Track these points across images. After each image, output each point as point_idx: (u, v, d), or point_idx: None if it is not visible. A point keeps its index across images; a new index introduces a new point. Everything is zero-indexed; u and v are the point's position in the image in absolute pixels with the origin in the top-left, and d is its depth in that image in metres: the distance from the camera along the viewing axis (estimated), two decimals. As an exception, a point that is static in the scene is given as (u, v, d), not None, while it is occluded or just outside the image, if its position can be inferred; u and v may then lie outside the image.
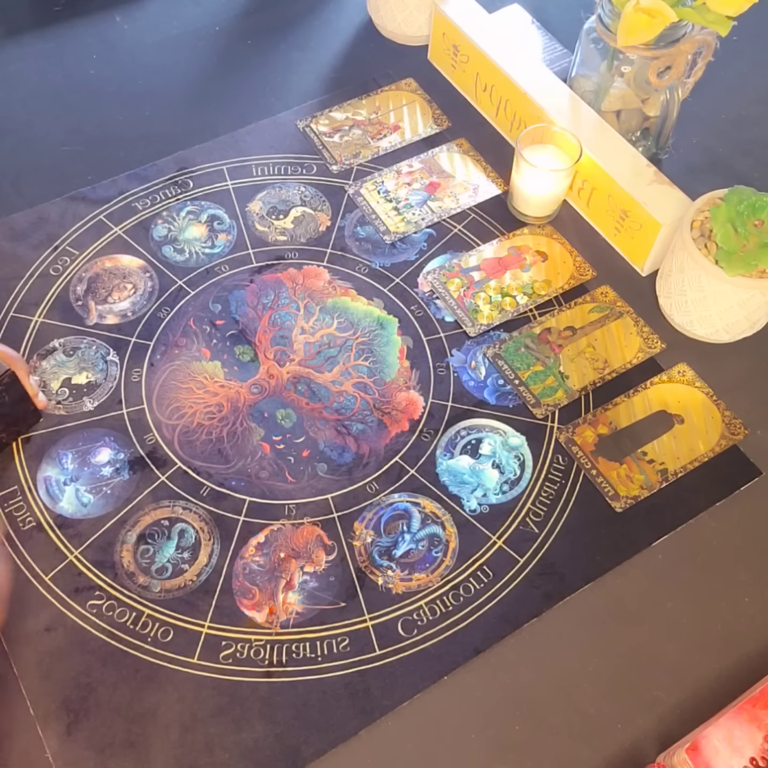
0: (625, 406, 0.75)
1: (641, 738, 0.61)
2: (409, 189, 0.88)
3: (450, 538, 0.69)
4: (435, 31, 0.97)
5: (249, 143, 0.92)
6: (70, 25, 1.02)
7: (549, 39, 1.01)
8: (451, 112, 0.95)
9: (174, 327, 0.79)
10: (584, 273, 0.83)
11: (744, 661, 0.64)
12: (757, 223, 0.71)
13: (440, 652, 0.64)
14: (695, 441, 0.73)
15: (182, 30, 1.03)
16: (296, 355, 0.78)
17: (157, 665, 0.63)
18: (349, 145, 0.92)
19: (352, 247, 0.85)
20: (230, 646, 0.64)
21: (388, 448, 0.73)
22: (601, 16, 0.80)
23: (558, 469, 0.72)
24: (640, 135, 0.90)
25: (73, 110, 0.95)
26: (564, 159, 0.84)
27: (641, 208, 0.80)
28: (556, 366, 0.77)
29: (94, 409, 0.74)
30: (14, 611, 0.65)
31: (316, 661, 0.63)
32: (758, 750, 0.56)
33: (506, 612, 0.65)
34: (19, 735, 0.60)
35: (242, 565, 0.67)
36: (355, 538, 0.69)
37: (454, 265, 0.83)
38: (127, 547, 0.68)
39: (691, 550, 0.69)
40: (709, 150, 0.93)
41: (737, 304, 0.74)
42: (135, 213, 0.86)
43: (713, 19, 0.74)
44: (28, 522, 0.69)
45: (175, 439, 0.73)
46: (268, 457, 0.72)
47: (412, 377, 0.77)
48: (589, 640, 0.65)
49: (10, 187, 0.88)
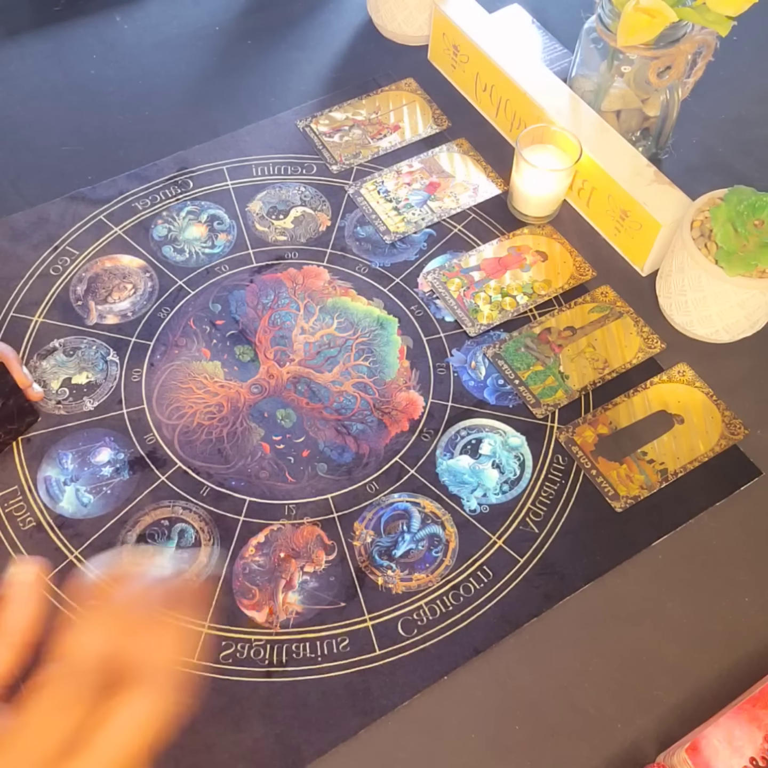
0: (625, 406, 0.75)
1: (641, 738, 0.61)
2: (409, 189, 0.88)
3: (450, 538, 0.69)
4: (435, 31, 0.96)
5: (249, 143, 0.92)
6: (70, 25, 1.02)
7: (549, 39, 1.01)
8: (451, 112, 0.95)
9: (174, 327, 0.79)
10: (584, 273, 0.83)
11: (744, 661, 0.64)
12: (757, 223, 0.71)
13: (440, 652, 0.64)
14: (695, 441, 0.73)
15: (182, 30, 1.03)
16: (296, 355, 0.78)
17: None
18: (349, 145, 0.92)
19: (352, 247, 0.85)
20: (230, 646, 0.64)
21: (388, 448, 0.73)
22: (601, 16, 0.80)
23: (558, 469, 0.72)
24: (640, 135, 0.90)
25: (73, 110, 0.95)
26: (564, 159, 0.84)
27: (641, 208, 0.80)
28: (556, 366, 0.77)
29: (94, 409, 0.74)
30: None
31: (316, 661, 0.63)
32: (758, 750, 0.56)
33: (506, 612, 0.65)
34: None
35: (242, 565, 0.67)
36: (355, 538, 0.69)
37: (454, 265, 0.83)
38: (127, 547, 0.68)
39: (691, 550, 0.69)
40: (709, 150, 0.93)
41: (737, 304, 0.74)
42: (135, 213, 0.86)
43: (713, 19, 0.74)
44: (28, 522, 0.69)
45: (175, 439, 0.73)
46: (268, 457, 0.72)
47: (412, 377, 0.77)
48: (589, 640, 0.65)
49: (10, 187, 0.88)
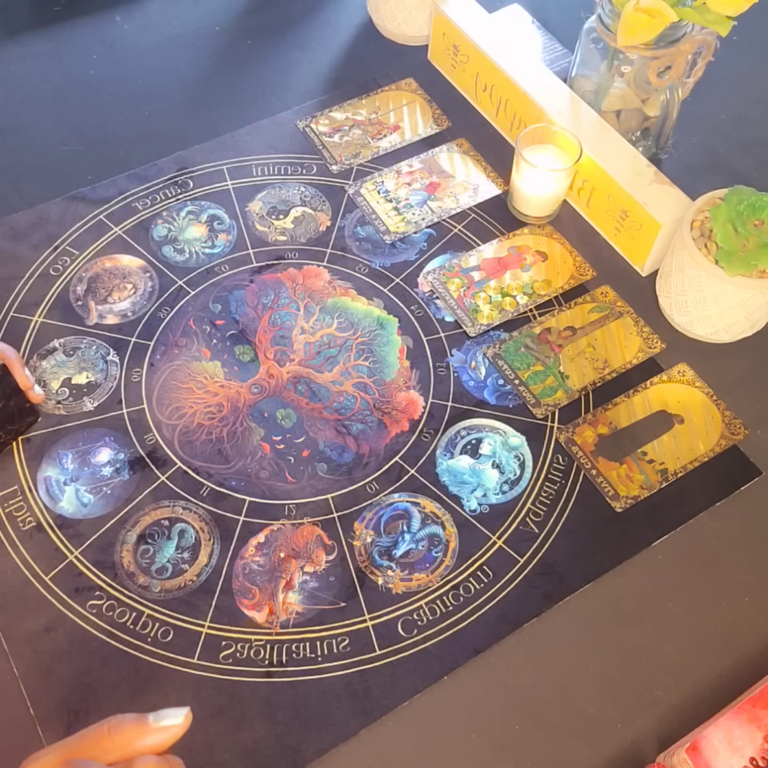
0: (625, 406, 0.75)
1: (641, 738, 0.61)
2: (409, 189, 0.88)
3: (450, 538, 0.69)
4: (435, 31, 0.97)
5: (249, 143, 0.92)
6: (70, 25, 1.02)
7: (549, 39, 1.01)
8: (451, 112, 0.95)
9: (174, 327, 0.79)
10: (584, 273, 0.83)
11: (744, 661, 0.64)
12: (757, 223, 0.71)
13: (440, 652, 0.64)
14: (695, 441, 0.73)
15: (182, 30, 1.03)
16: (296, 355, 0.78)
17: (157, 665, 0.63)
18: (349, 145, 0.92)
19: (352, 247, 0.85)
20: (230, 646, 0.64)
21: (388, 448, 0.73)
22: (601, 16, 0.80)
23: (558, 469, 0.72)
24: (640, 135, 0.90)
25: (73, 110, 0.95)
26: (564, 159, 0.84)
27: (641, 208, 0.80)
28: (556, 366, 0.77)
29: (94, 409, 0.74)
30: (14, 611, 0.65)
31: (316, 661, 0.64)
32: (758, 750, 0.56)
33: (506, 612, 0.65)
34: (19, 735, 0.60)
35: (242, 565, 0.67)
36: (355, 538, 0.69)
37: (454, 265, 0.83)
38: (127, 547, 0.68)
39: (691, 550, 0.69)
40: (709, 150, 0.93)
41: (737, 304, 0.74)
42: (135, 213, 0.86)
43: (713, 19, 0.74)
44: (28, 522, 0.69)
45: (175, 439, 0.73)
46: (268, 457, 0.72)
47: (412, 377, 0.77)
48: (589, 640, 0.65)
49: (10, 187, 0.88)
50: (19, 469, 0.71)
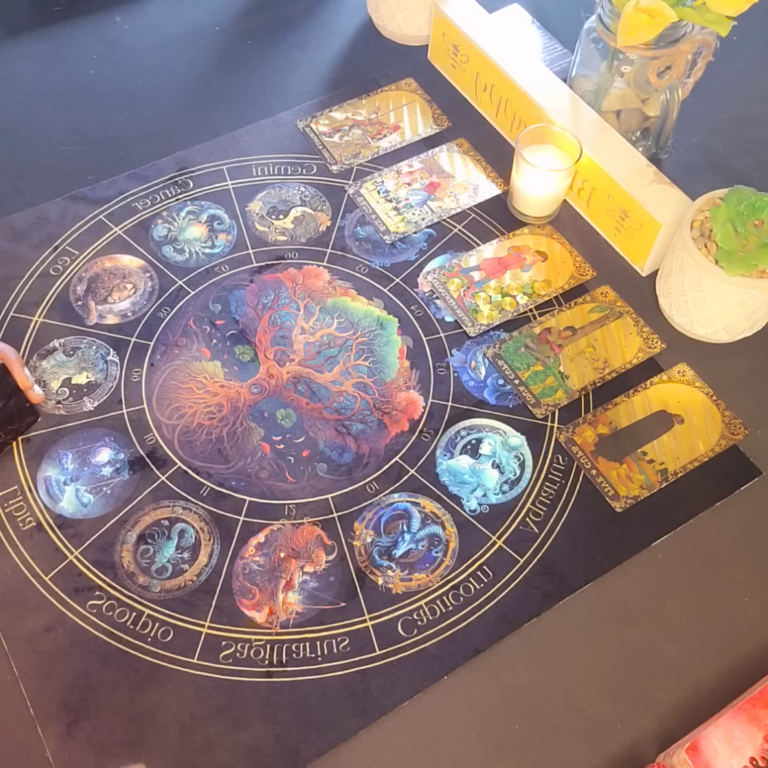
0: (625, 406, 0.75)
1: (641, 738, 0.61)
2: (409, 189, 0.88)
3: (450, 538, 0.69)
4: (435, 31, 0.97)
5: (249, 143, 0.92)
6: (70, 25, 1.02)
7: (549, 39, 1.01)
8: (451, 112, 0.95)
9: (174, 327, 0.79)
10: (584, 273, 0.83)
11: (744, 661, 0.64)
12: (757, 223, 0.71)
13: (440, 652, 0.64)
14: (695, 441, 0.73)
15: (182, 30, 1.03)
16: (296, 355, 0.78)
17: (157, 665, 0.63)
18: (349, 145, 0.92)
19: (352, 247, 0.85)
20: (230, 646, 0.64)
21: (388, 448, 0.73)
22: (601, 16, 0.80)
23: (558, 469, 0.72)
24: (640, 135, 0.90)
25: (73, 110, 0.95)
26: (564, 159, 0.84)
27: (641, 208, 0.80)
28: (556, 366, 0.77)
29: (94, 409, 0.74)
30: (14, 611, 0.65)
31: (316, 661, 0.64)
32: (758, 750, 0.56)
33: (506, 612, 0.65)
34: (19, 735, 0.60)
35: (242, 565, 0.67)
36: (355, 538, 0.69)
37: (454, 265, 0.83)
38: (127, 547, 0.68)
39: (691, 550, 0.69)
40: (709, 150, 0.93)
41: (737, 304, 0.74)
42: (135, 213, 0.86)
43: (713, 19, 0.74)
44: (28, 522, 0.69)
45: (175, 439, 0.73)
46: (268, 457, 0.72)
47: (412, 377, 0.77)
48: (589, 640, 0.65)
49: (10, 187, 0.88)
50: (19, 469, 0.71)
